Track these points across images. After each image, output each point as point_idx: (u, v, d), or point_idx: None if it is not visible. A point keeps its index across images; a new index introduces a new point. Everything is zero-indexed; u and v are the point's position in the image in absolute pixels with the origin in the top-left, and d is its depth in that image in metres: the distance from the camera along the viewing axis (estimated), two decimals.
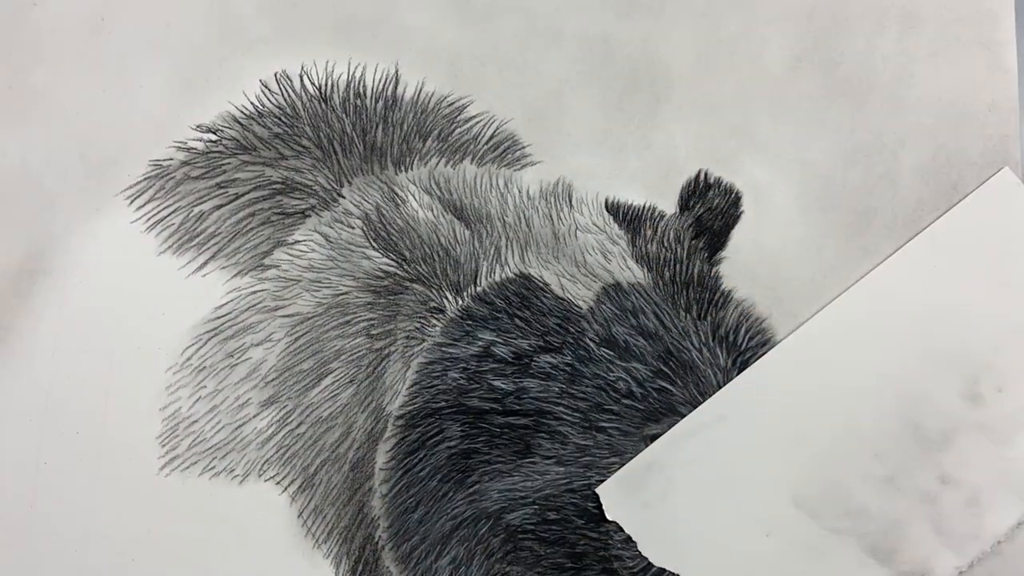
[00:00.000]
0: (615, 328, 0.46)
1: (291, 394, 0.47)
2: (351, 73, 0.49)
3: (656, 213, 0.48)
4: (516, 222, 0.48)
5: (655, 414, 0.45)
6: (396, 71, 0.49)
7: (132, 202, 0.48)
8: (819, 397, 0.46)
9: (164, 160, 0.48)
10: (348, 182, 0.49)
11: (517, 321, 0.46)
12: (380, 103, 0.49)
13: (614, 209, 0.48)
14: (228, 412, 0.47)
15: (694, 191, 0.48)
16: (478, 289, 0.47)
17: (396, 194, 0.48)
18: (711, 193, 0.48)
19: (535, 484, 0.45)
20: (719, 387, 0.46)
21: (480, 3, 0.49)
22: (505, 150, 0.49)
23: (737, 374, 0.46)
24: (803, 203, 0.48)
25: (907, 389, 0.46)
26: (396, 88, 0.49)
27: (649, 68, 0.49)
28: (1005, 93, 0.48)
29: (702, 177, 0.48)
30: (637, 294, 0.46)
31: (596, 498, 0.45)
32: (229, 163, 0.48)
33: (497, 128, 0.49)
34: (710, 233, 0.48)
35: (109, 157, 0.48)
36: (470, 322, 0.46)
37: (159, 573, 0.46)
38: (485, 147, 0.49)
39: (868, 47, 0.49)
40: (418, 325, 0.47)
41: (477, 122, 0.49)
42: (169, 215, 0.48)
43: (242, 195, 0.48)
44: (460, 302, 0.47)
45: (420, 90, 0.49)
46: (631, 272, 0.47)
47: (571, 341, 0.46)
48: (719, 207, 0.48)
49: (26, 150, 0.48)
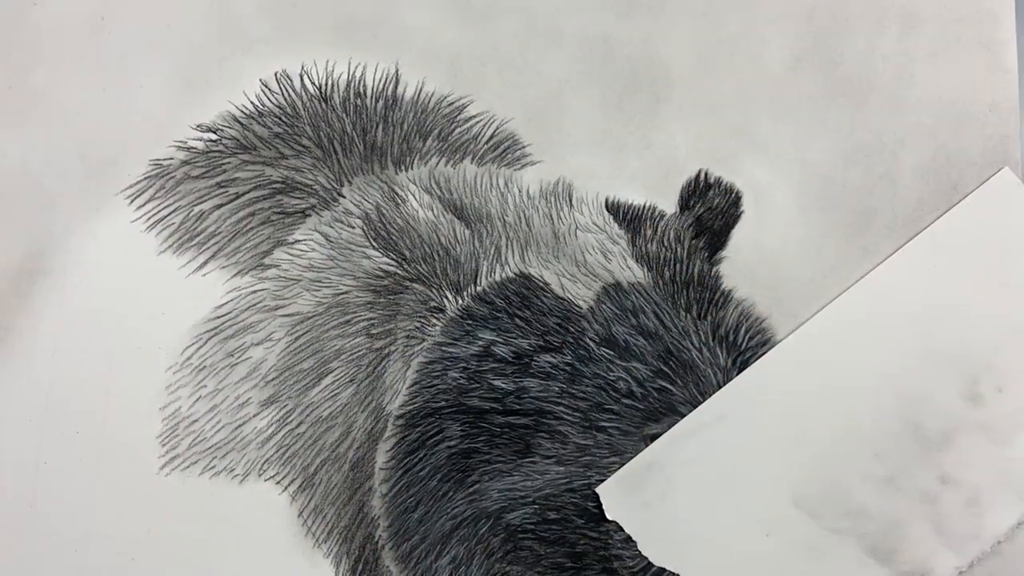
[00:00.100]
0: (615, 328, 0.46)
1: (291, 394, 0.47)
2: (351, 73, 0.49)
3: (656, 213, 0.48)
4: (516, 222, 0.48)
5: (655, 414, 0.45)
6: (396, 71, 0.49)
7: (132, 202, 0.48)
8: (819, 397, 0.46)
9: (164, 160, 0.48)
10: (348, 181, 0.49)
11: (517, 321, 0.46)
12: (380, 103, 0.49)
13: (614, 209, 0.48)
14: (228, 412, 0.47)
15: (694, 191, 0.48)
16: (478, 289, 0.47)
17: (396, 194, 0.48)
18: (711, 193, 0.48)
19: (535, 484, 0.45)
20: (719, 387, 0.46)
21: (480, 3, 0.49)
22: (505, 150, 0.49)
23: (737, 374, 0.46)
24: (803, 203, 0.48)
25: (907, 389, 0.46)
26: (396, 88, 0.49)
27: (649, 68, 0.49)
28: (1005, 93, 0.48)
29: (702, 177, 0.48)
30: (637, 294, 0.46)
31: (596, 498, 0.45)
32: (229, 163, 0.48)
33: (497, 128, 0.49)
34: (710, 233, 0.48)
35: (109, 157, 0.48)
36: (470, 322, 0.46)
37: (159, 573, 0.46)
38: (485, 147, 0.49)
39: (868, 47, 0.49)
40: (418, 325, 0.47)
41: (477, 122, 0.49)
42: (169, 215, 0.48)
43: (242, 194, 0.48)
44: (460, 302, 0.47)
45: (420, 90, 0.49)
46: (631, 272, 0.47)
47: (571, 341, 0.46)
48: (719, 207, 0.48)
49: (26, 150, 0.48)
